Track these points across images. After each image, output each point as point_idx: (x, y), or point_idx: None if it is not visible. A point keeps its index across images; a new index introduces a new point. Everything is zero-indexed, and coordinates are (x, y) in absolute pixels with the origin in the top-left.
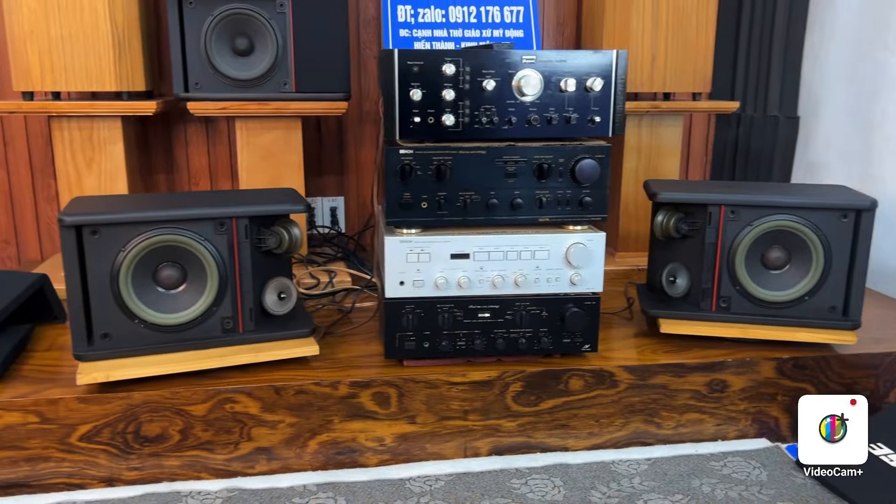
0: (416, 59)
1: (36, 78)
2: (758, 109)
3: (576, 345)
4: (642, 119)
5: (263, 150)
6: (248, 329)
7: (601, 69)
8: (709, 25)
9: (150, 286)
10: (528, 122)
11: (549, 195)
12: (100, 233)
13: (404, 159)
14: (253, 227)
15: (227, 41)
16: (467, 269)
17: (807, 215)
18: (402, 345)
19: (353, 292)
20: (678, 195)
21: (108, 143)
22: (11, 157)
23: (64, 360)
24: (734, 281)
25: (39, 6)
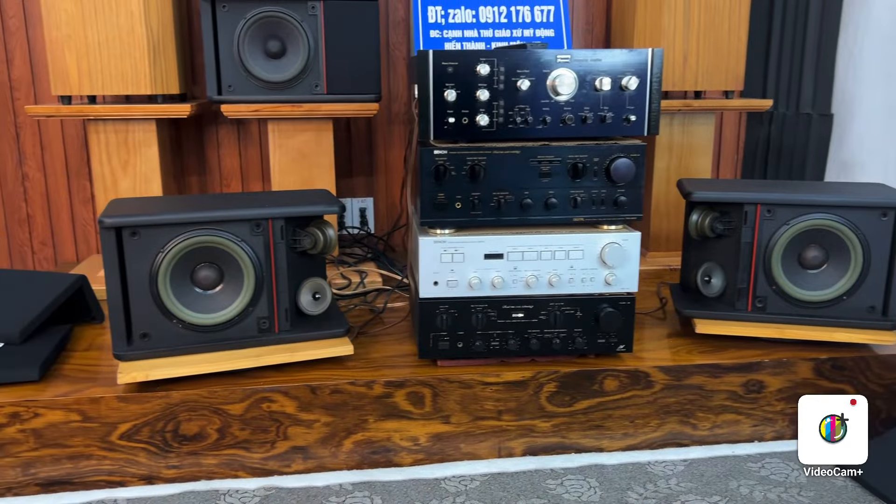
0: (450, 59)
1: (73, 82)
2: (790, 107)
3: (610, 345)
4: (674, 117)
5: (295, 151)
6: (283, 329)
7: (636, 68)
8: (741, 23)
9: (188, 287)
10: (562, 122)
11: (584, 195)
12: (139, 234)
13: (438, 160)
14: (288, 228)
15: (260, 44)
16: (501, 270)
17: (845, 214)
18: (436, 345)
19: (385, 293)
20: (713, 194)
21: (142, 145)
22: (48, 160)
23: (103, 360)
24: (770, 280)
25: (77, 11)
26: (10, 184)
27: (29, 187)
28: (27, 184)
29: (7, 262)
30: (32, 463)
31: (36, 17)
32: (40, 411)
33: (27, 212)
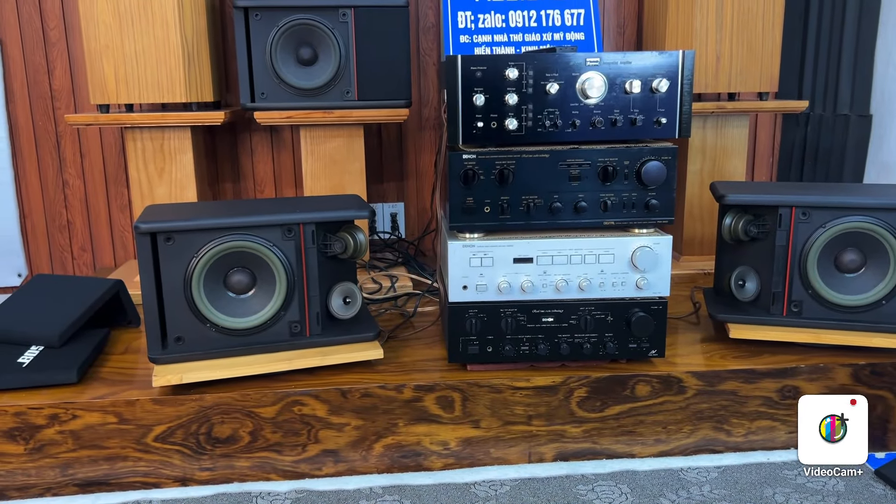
0: (479, 64)
1: (111, 91)
2: (827, 108)
3: (642, 350)
4: (707, 119)
5: (327, 157)
6: (314, 333)
7: (667, 70)
8: (775, 24)
9: (221, 291)
10: (592, 125)
11: (614, 198)
12: (173, 240)
13: (467, 164)
14: (319, 232)
15: (292, 51)
16: (530, 274)
17: (883, 216)
18: (466, 349)
19: (415, 297)
20: (747, 197)
21: (178, 152)
22: (87, 167)
23: (139, 363)
24: (806, 285)
25: (114, 22)
26: (52, 191)
27: (69, 194)
28: (67, 191)
29: (48, 266)
30: (71, 464)
31: (75, 29)
32: (78, 413)
33: (67, 218)
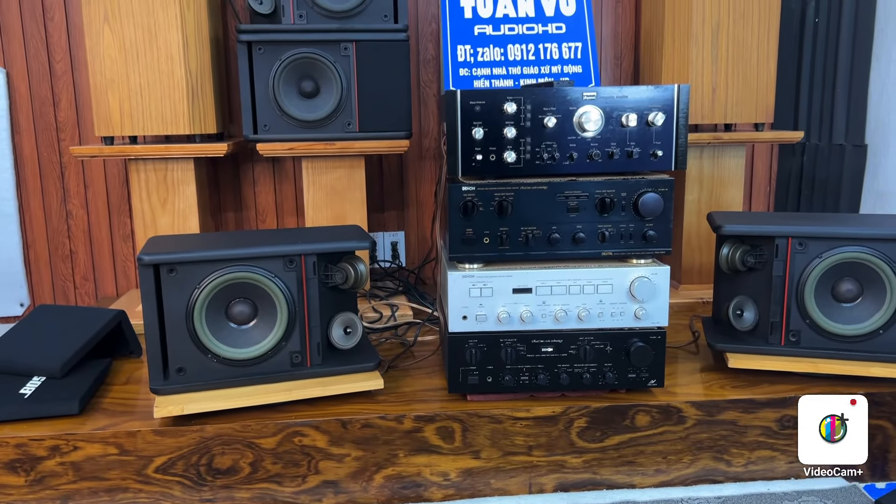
0: (478, 98)
1: (116, 124)
2: (823, 138)
3: (641, 380)
4: (704, 150)
5: (328, 187)
6: (315, 363)
7: (663, 103)
8: (770, 56)
9: (223, 322)
10: (589, 157)
11: (612, 229)
12: (176, 271)
13: (467, 196)
14: (320, 263)
15: (294, 84)
16: (530, 304)
17: (879, 247)
18: (466, 379)
19: (415, 326)
20: (743, 227)
21: (181, 183)
22: (91, 198)
23: (140, 394)
24: (804, 314)
25: (120, 56)
26: (55, 221)
27: (72, 224)
28: (71, 221)
29: (50, 296)
30: (71, 495)
31: (81, 62)
32: (79, 444)
33: (70, 248)
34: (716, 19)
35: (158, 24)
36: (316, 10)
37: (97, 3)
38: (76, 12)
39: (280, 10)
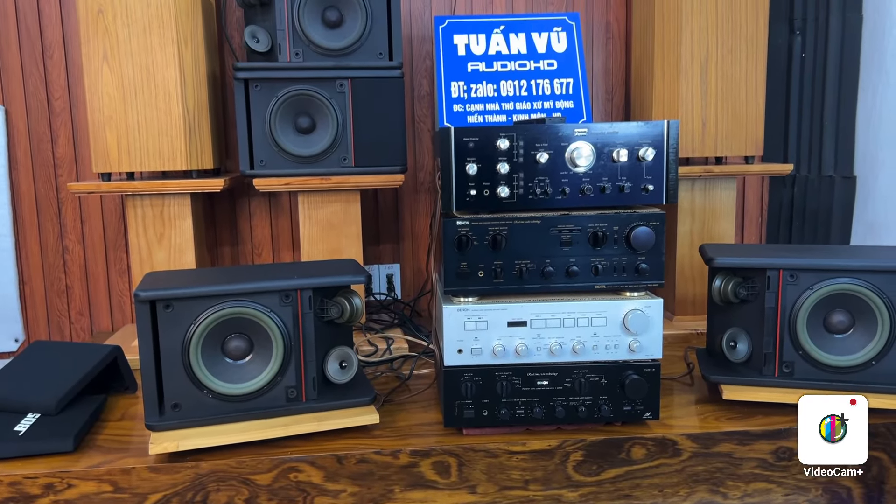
0: (471, 135)
1: (113, 160)
2: (812, 170)
3: (637, 412)
4: (695, 182)
5: (324, 221)
6: (310, 398)
7: (653, 139)
8: (758, 91)
9: (219, 357)
10: (581, 192)
11: (605, 262)
12: (172, 307)
13: (461, 230)
14: (316, 298)
15: (290, 120)
16: (525, 337)
17: (869, 278)
18: (462, 413)
19: (411, 359)
20: (735, 260)
21: (177, 218)
22: (87, 233)
23: (135, 430)
24: (797, 346)
25: (118, 94)
26: (51, 256)
27: (68, 259)
28: (67, 256)
29: (45, 331)
30: None
31: (80, 100)
32: (74, 482)
33: (66, 283)
34: (704, 55)
35: (156, 62)
36: (312, 48)
37: (96, 42)
38: (75, 51)
39: (276, 48)
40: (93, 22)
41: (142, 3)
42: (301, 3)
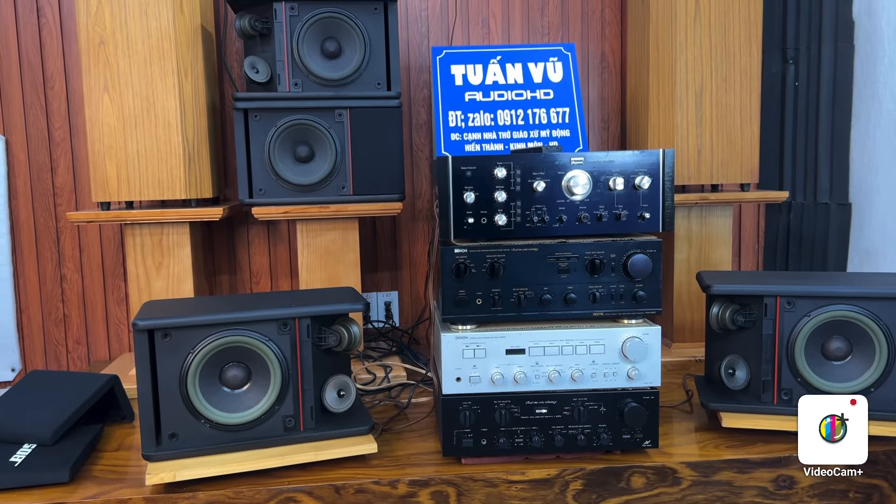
0: (469, 164)
1: (113, 189)
2: (808, 197)
3: (636, 441)
4: (691, 210)
5: (322, 249)
6: (308, 427)
7: (648, 167)
8: (753, 119)
9: (216, 386)
10: (578, 220)
11: (603, 290)
12: (171, 336)
13: (459, 258)
14: (314, 326)
15: (289, 149)
16: (523, 365)
17: (866, 305)
18: (460, 442)
19: (409, 387)
20: (732, 287)
21: (176, 246)
22: (86, 262)
23: (132, 460)
24: (795, 373)
25: (118, 124)
26: (49, 285)
27: (66, 288)
28: (65, 285)
29: (42, 360)
30: None
31: (80, 129)
32: None
33: (64, 312)
34: (699, 84)
35: (157, 92)
36: (311, 78)
37: (97, 73)
38: (76, 81)
39: (276, 78)
40: (94, 53)
41: (143, 35)
42: (300, 35)
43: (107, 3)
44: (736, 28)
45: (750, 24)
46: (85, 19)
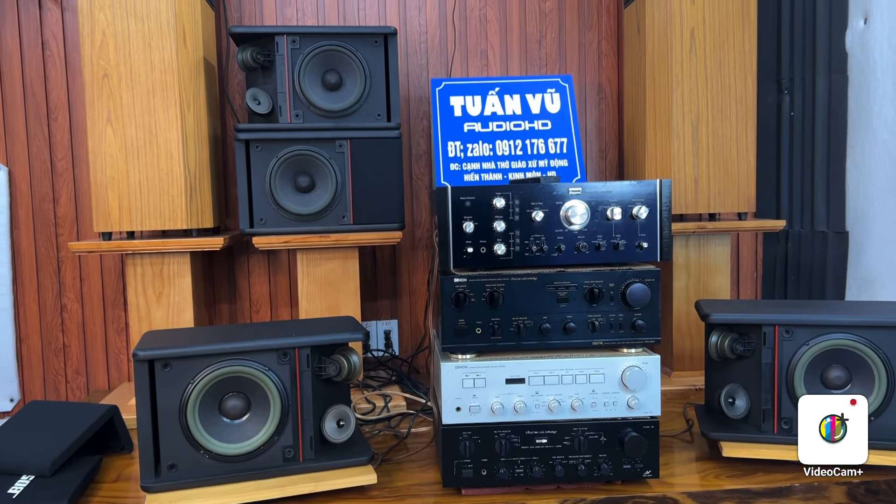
0: (468, 194)
1: (114, 220)
2: (805, 225)
3: (636, 470)
4: (689, 238)
5: (322, 278)
6: (307, 458)
7: (646, 197)
8: (749, 149)
9: (216, 417)
10: (576, 249)
11: (602, 319)
12: (171, 366)
13: (458, 287)
14: (314, 356)
15: (290, 179)
16: (523, 394)
17: (864, 333)
18: (460, 473)
19: (409, 417)
20: (731, 316)
21: (177, 276)
22: (86, 291)
23: (130, 492)
24: (795, 402)
25: (121, 155)
26: (50, 315)
27: (66, 318)
28: (65, 314)
29: (41, 390)
30: None
31: (82, 160)
32: None
33: (64, 341)
34: (695, 114)
35: (159, 124)
36: (312, 109)
37: (101, 105)
38: (80, 112)
39: (277, 109)
40: (98, 86)
41: (146, 67)
42: (302, 67)
43: (111, 37)
44: (731, 59)
45: (745, 55)
46: (90, 52)
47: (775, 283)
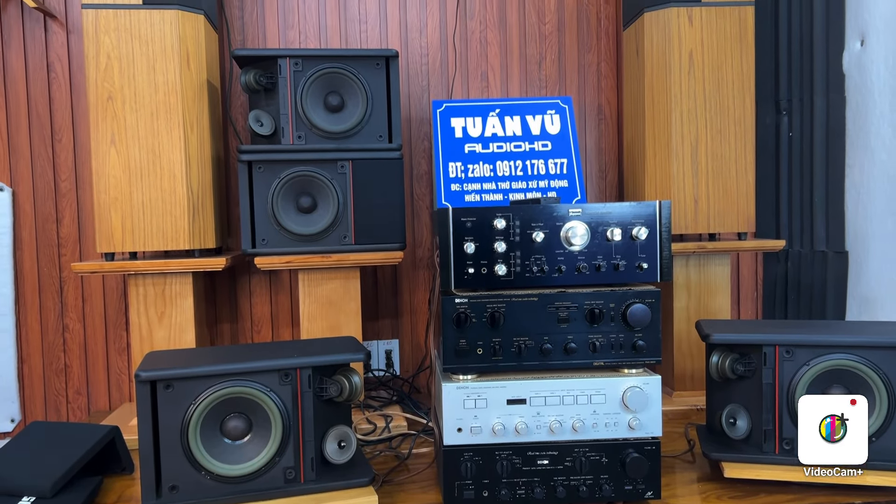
0: (469, 215)
1: (118, 240)
2: (805, 245)
3: (638, 492)
4: (689, 259)
5: (324, 298)
6: (309, 479)
7: (645, 218)
8: (748, 169)
9: (217, 438)
10: (577, 270)
11: (602, 339)
12: (173, 387)
13: (460, 307)
14: (315, 376)
15: (292, 200)
16: (524, 415)
17: (865, 354)
18: (462, 494)
19: (410, 437)
20: (731, 336)
21: (179, 296)
22: (88, 312)
23: None
24: (796, 422)
25: (124, 176)
26: (51, 335)
27: (68, 338)
28: (67, 335)
29: (42, 411)
30: None
31: (85, 181)
32: None
33: (65, 362)
34: (694, 135)
35: (162, 145)
36: (314, 131)
37: (105, 126)
38: (84, 134)
39: (280, 131)
40: (102, 108)
41: (150, 90)
42: (304, 89)
43: (116, 59)
44: (729, 80)
45: (743, 76)
46: (95, 75)
47: (776, 302)
